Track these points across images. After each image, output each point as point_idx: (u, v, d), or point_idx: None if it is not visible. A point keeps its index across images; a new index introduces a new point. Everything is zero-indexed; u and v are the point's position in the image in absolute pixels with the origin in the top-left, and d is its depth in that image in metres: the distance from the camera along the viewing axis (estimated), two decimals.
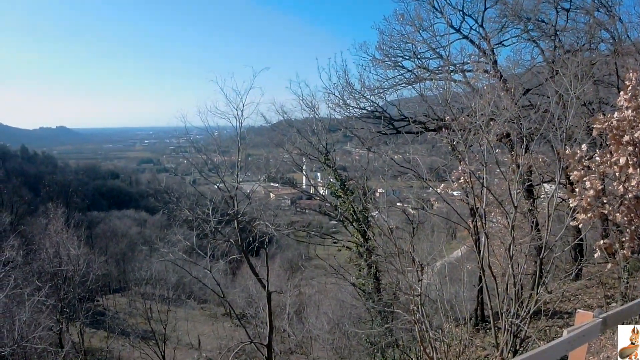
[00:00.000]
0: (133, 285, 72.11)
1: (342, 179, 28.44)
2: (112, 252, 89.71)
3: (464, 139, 15.29)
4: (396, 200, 29.16)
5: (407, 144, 24.76)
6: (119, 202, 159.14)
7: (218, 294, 27.23)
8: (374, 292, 25.96)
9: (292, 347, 43.07)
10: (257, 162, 30.66)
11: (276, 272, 53.29)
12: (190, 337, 60.25)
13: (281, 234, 29.01)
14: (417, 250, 15.32)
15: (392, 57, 26.42)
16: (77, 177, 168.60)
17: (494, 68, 23.08)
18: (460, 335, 15.59)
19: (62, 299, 40.55)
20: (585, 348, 7.22)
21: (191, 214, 24.24)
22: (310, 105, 29.52)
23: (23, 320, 23.07)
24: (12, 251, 30.19)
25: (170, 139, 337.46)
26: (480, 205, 14.81)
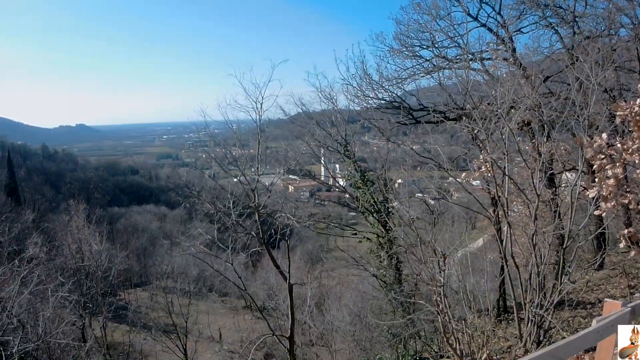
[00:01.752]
0: (154, 279, 72.65)
1: (362, 170, 28.33)
2: (133, 247, 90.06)
3: (485, 127, 15.15)
4: (416, 191, 29.06)
5: (426, 133, 24.66)
6: (139, 198, 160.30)
7: (239, 287, 27.13)
8: (395, 283, 25.89)
9: (313, 339, 43.00)
10: (275, 155, 30.54)
11: (297, 264, 53.24)
12: (212, 330, 60.35)
13: (302, 226, 28.92)
14: (438, 240, 15.17)
15: (410, 47, 26.24)
16: (98, 174, 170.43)
17: (513, 56, 22.86)
18: (482, 326, 15.46)
19: (85, 294, 40.87)
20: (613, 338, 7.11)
21: (212, 207, 24.24)
22: (329, 96, 29.47)
23: (47, 316, 23.16)
24: (36, 248, 30.36)
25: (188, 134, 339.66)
26: (502, 194, 14.68)
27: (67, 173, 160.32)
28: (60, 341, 23.90)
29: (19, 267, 23.98)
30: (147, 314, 63.59)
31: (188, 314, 45.97)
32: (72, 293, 31.59)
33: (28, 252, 28.40)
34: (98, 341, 39.82)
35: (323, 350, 39.31)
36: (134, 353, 47.14)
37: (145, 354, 49.14)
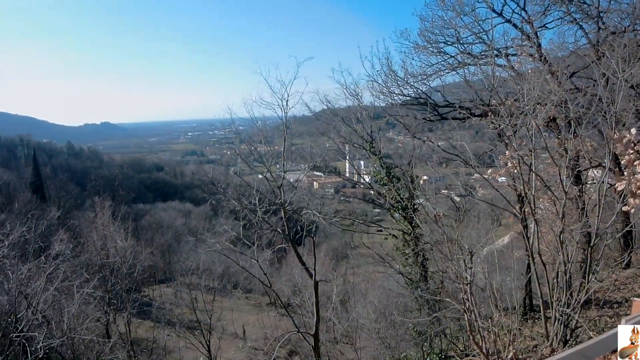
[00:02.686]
0: (178, 275, 73.00)
1: (388, 167, 28.25)
2: (158, 244, 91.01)
3: (511, 124, 15.05)
4: (442, 187, 28.96)
5: (452, 129, 24.60)
6: (164, 194, 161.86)
7: (264, 284, 27.27)
8: (421, 281, 25.81)
9: (338, 336, 42.99)
10: (300, 152, 30.54)
11: (321, 260, 53.27)
12: (235, 326, 60.74)
13: (328, 223, 28.92)
14: (464, 237, 15.08)
15: (435, 43, 26.14)
16: (123, 171, 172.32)
17: (539, 51, 22.67)
18: (509, 324, 15.35)
19: (110, 291, 41.05)
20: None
21: (238, 204, 24.31)
22: (354, 93, 29.43)
23: (72, 312, 23.29)
24: (62, 245, 30.50)
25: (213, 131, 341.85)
26: (529, 191, 14.56)
27: (92, 170, 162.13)
28: (85, 337, 24.05)
29: (45, 264, 24.13)
30: (171, 310, 63.91)
31: (212, 311, 46.09)
32: (97, 289, 31.79)
33: (54, 249, 28.54)
34: (122, 337, 40.05)
35: (347, 348, 39.29)
36: (158, 349, 47.41)
37: (168, 350, 49.53)
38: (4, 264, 21.58)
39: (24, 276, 21.34)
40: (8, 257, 21.99)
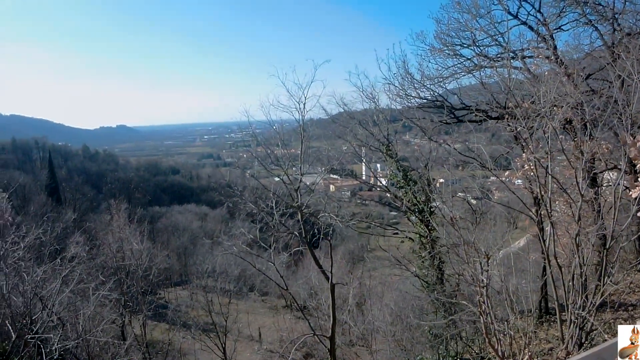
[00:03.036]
0: (194, 278, 73.21)
1: (404, 170, 28.25)
2: (174, 246, 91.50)
3: (527, 126, 15.04)
4: (458, 190, 28.95)
5: (469, 132, 24.55)
6: (180, 197, 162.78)
7: (281, 286, 27.22)
8: (437, 283, 25.79)
9: (354, 339, 42.98)
10: (316, 154, 30.54)
11: (338, 263, 53.27)
12: (251, 329, 60.90)
13: (345, 226, 28.90)
14: (480, 240, 15.06)
15: (451, 46, 26.14)
16: (138, 174, 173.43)
17: (554, 54, 22.61)
18: (524, 327, 15.33)
19: (125, 293, 41.23)
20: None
21: (255, 207, 24.32)
22: (370, 96, 29.47)
23: (87, 315, 23.41)
24: (77, 247, 30.67)
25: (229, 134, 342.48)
26: (546, 193, 14.54)
27: (107, 173, 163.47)
28: (100, 339, 24.15)
29: (61, 266, 24.27)
30: (187, 313, 64.16)
31: (228, 313, 46.08)
32: (113, 292, 31.92)
33: (69, 252, 28.70)
34: (137, 339, 40.23)
35: (363, 351, 39.29)
36: (173, 351, 47.51)
37: (184, 353, 49.76)
38: (19, 266, 21.73)
39: (39, 278, 21.46)
40: (24, 259, 22.12)
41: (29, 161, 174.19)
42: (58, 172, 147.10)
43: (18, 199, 72.79)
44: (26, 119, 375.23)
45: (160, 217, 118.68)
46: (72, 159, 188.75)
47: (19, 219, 32.13)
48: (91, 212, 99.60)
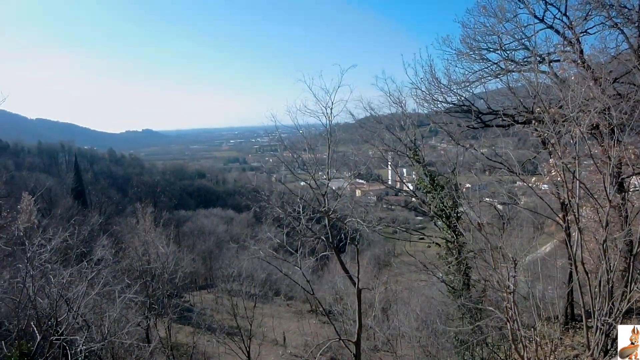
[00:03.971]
0: (220, 282, 73.26)
1: (432, 174, 28.18)
2: (199, 250, 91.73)
3: (555, 131, 14.91)
4: (485, 195, 28.84)
5: (496, 137, 24.49)
6: (206, 201, 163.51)
7: (307, 291, 27.22)
8: (464, 289, 25.68)
9: (379, 344, 42.87)
10: (342, 159, 30.48)
11: (364, 268, 53.16)
12: (276, 333, 60.85)
13: (372, 231, 28.82)
14: (507, 245, 14.96)
15: (477, 50, 26.05)
16: (164, 178, 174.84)
17: (581, 57, 22.45)
18: (550, 334, 15.19)
19: (151, 296, 41.42)
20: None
21: (282, 211, 24.32)
22: (397, 100, 29.39)
23: (113, 317, 23.56)
24: (104, 250, 30.85)
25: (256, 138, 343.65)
26: (573, 198, 14.40)
27: (133, 177, 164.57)
28: (125, 341, 24.28)
29: (87, 269, 24.43)
30: (212, 316, 64.42)
31: (253, 317, 46.11)
32: (138, 294, 32.07)
33: (96, 254, 28.88)
34: (162, 342, 40.43)
35: (388, 356, 39.16)
36: (197, 354, 47.73)
37: (208, 356, 50.10)
38: (46, 268, 21.89)
39: (65, 281, 21.62)
40: (50, 262, 22.28)
41: (54, 164, 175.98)
42: (84, 175, 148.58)
43: (44, 202, 73.35)
44: (52, 123, 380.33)
45: (186, 221, 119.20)
46: (98, 163, 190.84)
47: (45, 221, 32.34)
48: (117, 215, 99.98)
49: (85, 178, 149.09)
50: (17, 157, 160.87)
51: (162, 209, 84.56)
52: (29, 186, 72.60)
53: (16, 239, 27.33)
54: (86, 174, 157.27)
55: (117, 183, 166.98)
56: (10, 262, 26.69)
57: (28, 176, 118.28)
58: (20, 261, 22.39)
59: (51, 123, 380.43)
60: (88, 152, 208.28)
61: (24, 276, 20.07)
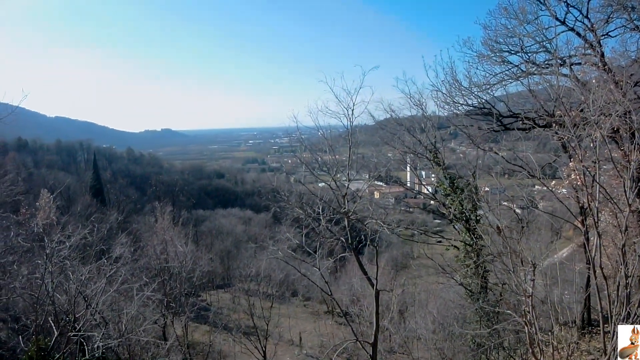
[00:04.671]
0: (237, 281, 73.46)
1: (451, 177, 28.13)
2: (217, 250, 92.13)
3: (576, 135, 14.82)
4: (503, 198, 28.78)
5: (517, 140, 24.38)
6: (224, 201, 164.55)
7: (326, 292, 27.18)
8: (481, 292, 25.60)
9: (395, 346, 42.79)
10: (361, 161, 30.48)
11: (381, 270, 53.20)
12: (292, 334, 60.96)
13: (392, 233, 28.79)
14: (526, 249, 14.91)
15: (498, 52, 25.97)
16: (183, 177, 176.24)
17: (602, 60, 22.31)
18: (567, 338, 15.12)
19: (168, 294, 41.57)
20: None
21: (302, 212, 24.31)
22: (418, 103, 29.39)
23: (131, 314, 23.66)
24: (123, 248, 30.98)
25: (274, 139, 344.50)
26: (593, 203, 14.30)
27: (152, 176, 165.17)
28: (142, 338, 24.38)
29: (105, 266, 24.56)
30: (229, 316, 64.56)
31: (269, 317, 46.16)
32: (156, 292, 32.21)
33: (115, 252, 29.01)
34: (179, 340, 40.52)
35: (404, 358, 39.05)
36: (213, 353, 47.79)
37: (224, 355, 50.28)
38: (64, 265, 22.00)
39: (83, 277, 21.74)
40: (69, 259, 22.40)
41: (73, 162, 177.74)
42: (103, 174, 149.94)
43: (63, 199, 73.84)
44: (71, 121, 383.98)
45: (204, 221, 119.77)
46: (116, 162, 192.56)
47: (65, 219, 32.54)
48: (135, 214, 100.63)
49: (104, 176, 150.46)
50: (35, 155, 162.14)
51: (181, 208, 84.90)
52: (47, 183, 73.13)
53: (35, 235, 27.54)
54: (105, 173, 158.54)
55: (135, 182, 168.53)
56: (29, 258, 26.90)
57: (47, 174, 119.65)
58: (39, 257, 22.57)
59: (70, 121, 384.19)
60: (107, 150, 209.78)
61: (43, 272, 20.22)
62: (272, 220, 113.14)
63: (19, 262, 26.07)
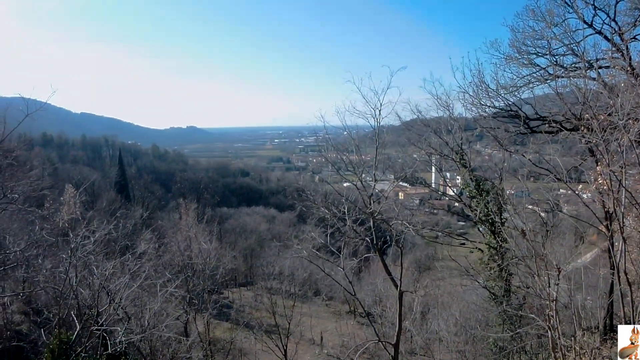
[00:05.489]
0: (260, 279, 73.82)
1: (477, 179, 28.04)
2: (241, 247, 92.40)
3: (603, 139, 14.70)
4: (527, 202, 28.61)
5: (544, 143, 24.28)
6: (249, 199, 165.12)
7: (349, 292, 27.26)
8: (505, 296, 25.51)
9: (416, 348, 42.71)
10: (387, 161, 30.48)
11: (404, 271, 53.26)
12: (313, 333, 61.17)
13: (418, 234, 28.80)
14: (550, 253, 14.81)
15: (526, 54, 25.85)
16: (208, 175, 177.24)
17: (630, 64, 22.12)
18: (589, 344, 15.00)
19: (191, 291, 41.73)
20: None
21: (328, 212, 24.34)
22: (445, 104, 29.32)
23: (154, 310, 23.80)
24: (148, 244, 31.15)
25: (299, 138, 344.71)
26: (619, 208, 14.17)
27: (177, 173, 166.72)
28: (164, 334, 24.50)
29: (130, 262, 24.73)
30: (250, 314, 64.86)
31: (291, 316, 46.24)
32: (179, 289, 32.37)
33: (139, 248, 29.18)
34: (200, 336, 40.70)
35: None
36: (234, 350, 48.07)
37: (244, 352, 50.70)
38: (89, 259, 22.15)
39: (107, 272, 21.89)
40: (93, 253, 22.56)
41: (98, 158, 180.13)
42: (127, 170, 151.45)
43: (87, 194, 74.52)
44: (96, 117, 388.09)
45: (228, 218, 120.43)
46: (141, 158, 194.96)
47: (90, 214, 32.83)
48: (159, 210, 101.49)
49: (129, 172, 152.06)
50: (61, 150, 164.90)
51: (205, 206, 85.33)
52: (72, 179, 73.73)
53: (59, 229, 27.79)
54: (129, 169, 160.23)
55: (160, 178, 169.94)
56: (54, 252, 27.13)
57: (72, 169, 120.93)
58: (63, 251, 22.75)
59: (95, 117, 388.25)
60: (131, 147, 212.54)
61: (67, 266, 20.42)
62: (296, 219, 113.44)
63: (43, 256, 26.31)
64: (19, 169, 30.20)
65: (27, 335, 27.29)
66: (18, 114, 19.48)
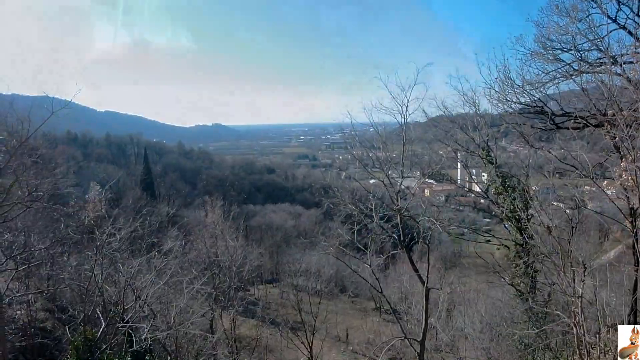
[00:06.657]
0: (286, 276, 73.84)
1: (503, 176, 27.97)
2: (267, 245, 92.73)
3: (629, 135, 14.60)
4: (554, 198, 28.52)
5: (570, 139, 24.18)
6: (275, 196, 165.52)
7: (376, 289, 27.33)
8: (531, 292, 25.44)
9: (441, 344, 42.64)
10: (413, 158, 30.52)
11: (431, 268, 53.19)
12: (339, 330, 61.25)
13: (445, 230, 28.84)
14: (576, 250, 14.78)
15: (551, 50, 25.69)
16: (233, 172, 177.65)
17: None
18: (613, 341, 14.96)
19: (217, 288, 41.92)
20: None
21: (355, 209, 24.39)
22: (471, 100, 29.26)
23: (180, 307, 23.97)
24: (175, 241, 31.35)
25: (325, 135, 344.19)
26: None
27: (202, 170, 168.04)
28: (190, 331, 24.69)
29: (156, 259, 24.93)
30: (277, 311, 64.99)
31: (317, 313, 46.34)
32: (205, 286, 32.54)
33: (165, 245, 29.38)
34: (226, 333, 40.88)
35: (450, 357, 38.97)
36: (259, 347, 48.18)
37: (270, 349, 51.07)
38: (114, 257, 22.35)
39: (133, 270, 22.08)
40: (119, 251, 22.77)
41: (123, 156, 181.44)
42: (153, 167, 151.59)
43: (112, 192, 75.13)
44: (120, 115, 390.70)
45: (254, 216, 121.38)
46: (166, 156, 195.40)
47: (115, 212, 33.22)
48: (185, 208, 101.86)
49: (154, 170, 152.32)
50: (85, 149, 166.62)
51: (231, 203, 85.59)
52: (97, 177, 74.30)
53: (85, 227, 28.07)
54: (155, 167, 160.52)
55: (185, 176, 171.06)
56: (79, 249, 27.42)
57: (96, 167, 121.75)
58: (89, 249, 22.99)
59: (119, 115, 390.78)
60: (156, 144, 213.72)
61: (93, 264, 20.69)
62: (322, 216, 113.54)
63: (68, 253, 26.58)
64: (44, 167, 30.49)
65: (51, 332, 27.58)
66: (43, 112, 19.63)
